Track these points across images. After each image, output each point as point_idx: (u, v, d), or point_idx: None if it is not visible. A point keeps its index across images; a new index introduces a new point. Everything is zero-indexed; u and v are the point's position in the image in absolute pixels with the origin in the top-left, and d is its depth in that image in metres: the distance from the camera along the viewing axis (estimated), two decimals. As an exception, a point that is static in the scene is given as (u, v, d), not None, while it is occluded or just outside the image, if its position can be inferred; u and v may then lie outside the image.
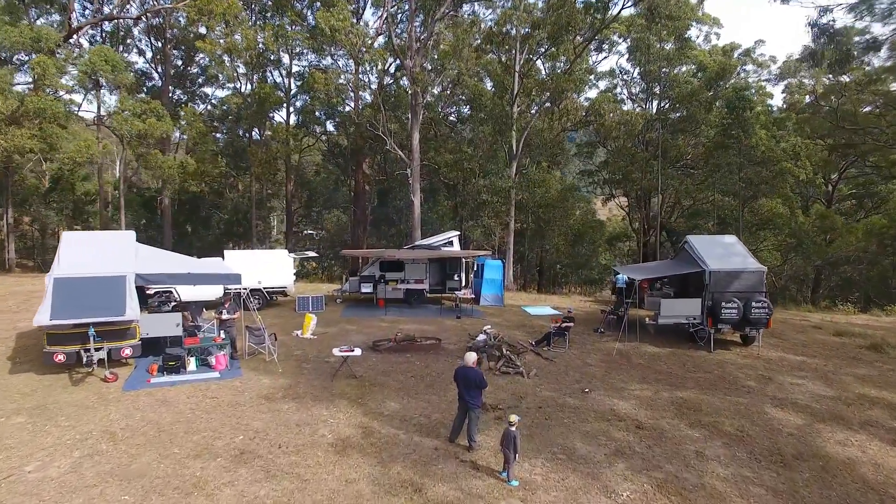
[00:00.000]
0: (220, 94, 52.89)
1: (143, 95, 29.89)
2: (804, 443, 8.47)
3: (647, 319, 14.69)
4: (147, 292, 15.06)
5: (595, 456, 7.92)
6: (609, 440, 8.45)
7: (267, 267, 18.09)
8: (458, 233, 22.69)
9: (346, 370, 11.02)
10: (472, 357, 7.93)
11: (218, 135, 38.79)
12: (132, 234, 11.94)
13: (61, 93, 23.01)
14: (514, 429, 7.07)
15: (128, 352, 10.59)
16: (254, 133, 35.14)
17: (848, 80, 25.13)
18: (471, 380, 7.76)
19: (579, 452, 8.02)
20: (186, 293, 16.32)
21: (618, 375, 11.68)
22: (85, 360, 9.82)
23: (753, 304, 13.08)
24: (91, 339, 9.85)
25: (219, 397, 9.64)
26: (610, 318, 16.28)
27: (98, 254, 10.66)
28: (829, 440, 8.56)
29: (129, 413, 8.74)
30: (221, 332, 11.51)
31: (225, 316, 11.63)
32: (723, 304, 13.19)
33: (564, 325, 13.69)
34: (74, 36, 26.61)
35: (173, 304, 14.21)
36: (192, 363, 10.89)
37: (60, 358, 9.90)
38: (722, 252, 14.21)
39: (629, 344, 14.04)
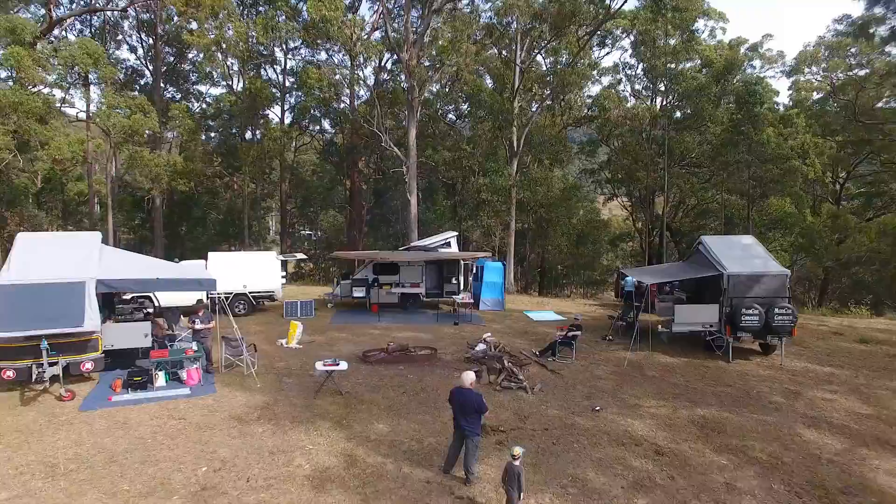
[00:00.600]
0: (215, 92, 51.83)
1: (136, 93, 28.89)
2: (849, 472, 7.42)
3: (659, 327, 13.63)
4: (123, 297, 14.09)
5: (611, 489, 6.89)
6: (626, 469, 7.42)
7: (253, 270, 17.09)
8: (456, 233, 21.62)
9: (330, 386, 9.98)
10: (469, 377, 6.89)
11: (212, 134, 37.85)
12: (97, 235, 10.89)
13: (40, 87, 21.93)
14: (517, 463, 6.03)
15: (89, 366, 9.54)
16: (248, 133, 34.12)
17: (867, 72, 24.06)
18: (468, 404, 6.72)
19: (592, 485, 6.98)
20: (167, 299, 15.31)
21: (630, 390, 10.63)
22: (35, 376, 8.77)
23: (776, 310, 12.03)
24: (44, 352, 8.80)
25: (186, 418, 8.60)
26: (618, 324, 15.25)
27: (55, 257, 9.61)
28: (878, 469, 7.52)
29: (80, 439, 7.69)
30: (194, 343, 10.46)
31: (198, 326, 10.59)
32: (743, 310, 12.13)
33: (571, 333, 12.64)
34: (57, 29, 25.57)
35: (147, 311, 13.13)
36: (160, 378, 9.85)
37: (9, 374, 8.86)
38: (740, 254, 13.16)
39: (640, 353, 13.00)
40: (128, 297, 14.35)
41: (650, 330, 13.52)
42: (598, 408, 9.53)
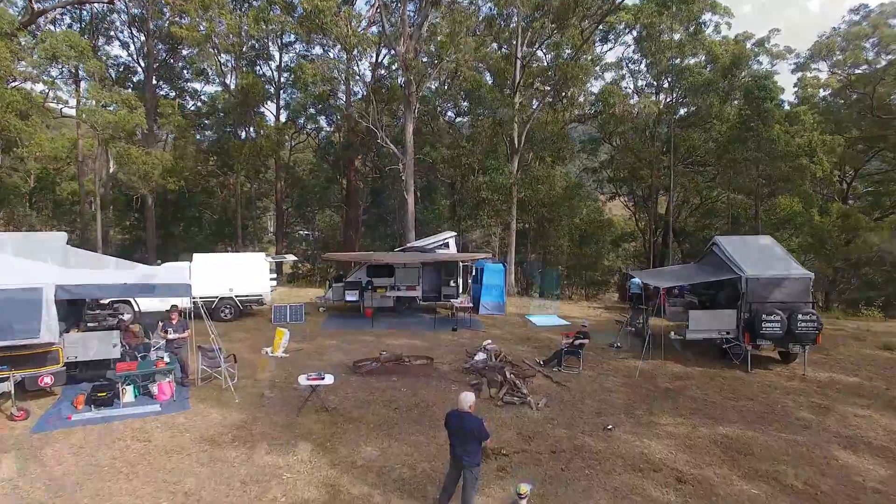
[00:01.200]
0: (210, 90, 50.95)
1: (127, 90, 27.99)
2: (899, 505, 6.55)
3: (672, 333, 12.74)
4: (100, 303, 13.19)
5: (630, 527, 6.01)
6: (645, 501, 6.54)
7: (240, 272, 16.18)
8: (455, 233, 20.68)
9: (315, 401, 9.08)
10: (468, 399, 5.98)
11: (207, 132, 36.95)
12: (63, 236, 10.02)
13: (22, 81, 21.03)
14: (524, 503, 5.15)
15: (48, 380, 8.65)
16: (242, 132, 33.22)
17: (884, 65, 23.15)
18: (468, 430, 5.82)
19: (608, 521, 6.11)
20: (147, 304, 14.43)
21: (644, 404, 9.74)
22: (-19, 394, 7.89)
23: (800, 316, 11.15)
24: (-6, 367, 7.92)
25: (152, 440, 7.71)
26: (627, 329, 14.36)
27: (11, 261, 8.72)
28: (932, 502, 6.65)
29: (25, 467, 6.79)
30: (166, 354, 9.57)
31: (171, 335, 9.69)
32: (763, 316, 11.25)
33: (578, 342, 11.75)
34: (42, 22, 24.64)
35: (121, 317, 12.23)
36: (128, 393, 8.96)
37: (-46, 392, 7.97)
38: (759, 256, 12.28)
39: (652, 362, 12.12)
40: (105, 301, 13.47)
41: (662, 336, 12.65)
42: (610, 426, 8.64)
